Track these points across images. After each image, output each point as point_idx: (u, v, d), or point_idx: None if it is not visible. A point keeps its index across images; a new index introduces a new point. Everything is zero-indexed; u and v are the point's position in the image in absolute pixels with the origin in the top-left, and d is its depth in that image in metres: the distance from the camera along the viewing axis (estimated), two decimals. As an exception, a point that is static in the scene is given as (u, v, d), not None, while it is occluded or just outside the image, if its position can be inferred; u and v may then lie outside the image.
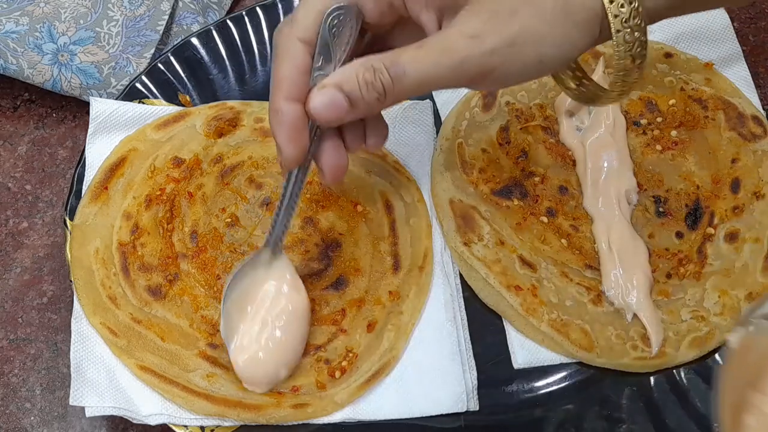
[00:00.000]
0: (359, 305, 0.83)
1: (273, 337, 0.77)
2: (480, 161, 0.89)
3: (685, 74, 0.92)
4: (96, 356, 0.79)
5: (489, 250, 0.84)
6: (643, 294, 0.81)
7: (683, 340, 0.80)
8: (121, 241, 0.84)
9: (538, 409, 0.80)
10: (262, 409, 0.77)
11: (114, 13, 0.97)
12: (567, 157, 0.89)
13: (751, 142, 0.88)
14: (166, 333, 0.80)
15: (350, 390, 0.79)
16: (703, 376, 0.80)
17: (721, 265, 0.84)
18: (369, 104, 0.66)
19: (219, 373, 0.79)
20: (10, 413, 0.83)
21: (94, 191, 0.86)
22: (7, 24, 0.95)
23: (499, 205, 0.87)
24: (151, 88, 0.92)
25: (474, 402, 0.80)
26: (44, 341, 0.86)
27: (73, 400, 0.77)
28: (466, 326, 0.83)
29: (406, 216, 0.87)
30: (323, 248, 0.85)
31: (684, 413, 0.78)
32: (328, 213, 0.87)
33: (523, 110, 0.91)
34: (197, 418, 0.77)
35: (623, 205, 0.86)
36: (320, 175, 0.73)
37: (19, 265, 0.90)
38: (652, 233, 0.86)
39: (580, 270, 0.84)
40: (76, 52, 0.95)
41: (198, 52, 0.95)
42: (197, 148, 0.89)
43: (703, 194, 0.87)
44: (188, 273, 0.84)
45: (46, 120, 0.98)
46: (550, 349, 0.82)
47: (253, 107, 0.92)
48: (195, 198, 0.87)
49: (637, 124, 0.90)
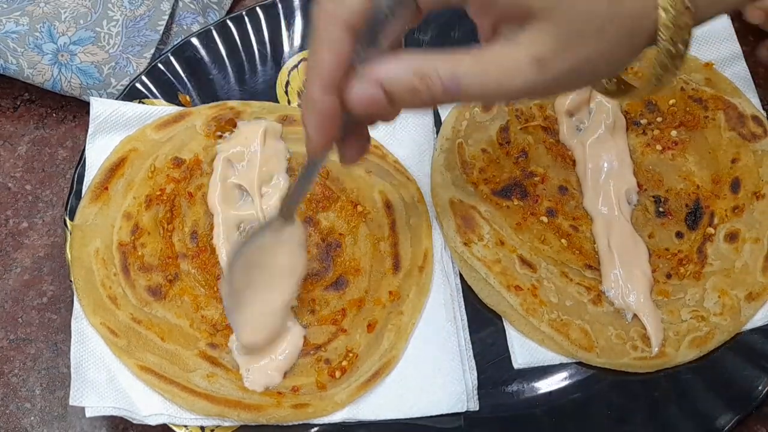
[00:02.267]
0: (359, 305, 0.83)
1: (273, 299, 0.78)
2: (480, 161, 0.89)
3: (685, 74, 0.92)
4: (96, 356, 0.79)
5: (489, 250, 0.84)
6: (643, 294, 0.81)
7: (683, 340, 0.80)
8: (121, 241, 0.84)
9: (538, 409, 0.80)
10: (262, 409, 0.77)
11: (114, 13, 0.97)
12: (567, 157, 0.89)
13: (751, 142, 0.88)
14: (166, 333, 0.80)
15: (350, 390, 0.79)
16: (703, 376, 0.80)
17: (721, 265, 0.84)
18: (410, 108, 0.61)
19: (219, 373, 0.79)
20: (10, 413, 0.83)
21: (94, 191, 0.86)
22: (7, 24, 0.95)
23: (499, 205, 0.87)
24: (151, 88, 0.92)
25: (474, 402, 0.80)
26: (44, 341, 0.86)
27: (73, 400, 0.77)
28: (466, 326, 0.83)
29: (406, 216, 0.87)
30: (323, 248, 0.85)
31: (684, 413, 0.78)
32: (328, 213, 0.87)
33: (523, 110, 0.91)
34: (197, 418, 0.77)
35: (623, 205, 0.86)
36: (339, 156, 0.68)
37: (19, 265, 0.90)
38: (652, 233, 0.86)
39: (580, 270, 0.84)
40: (76, 52, 0.95)
41: (198, 52, 0.95)
42: (197, 148, 0.89)
43: (703, 194, 0.87)
44: (188, 273, 0.84)
45: (46, 120, 0.98)
46: (550, 349, 0.82)
47: (253, 107, 0.92)
48: (195, 198, 0.87)
49: (637, 124, 0.90)
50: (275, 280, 0.79)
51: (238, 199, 0.86)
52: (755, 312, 0.82)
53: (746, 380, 0.79)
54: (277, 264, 0.78)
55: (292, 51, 0.96)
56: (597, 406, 0.80)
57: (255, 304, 0.78)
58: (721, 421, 0.77)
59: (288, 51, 0.96)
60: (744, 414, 0.78)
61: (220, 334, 0.81)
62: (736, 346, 0.81)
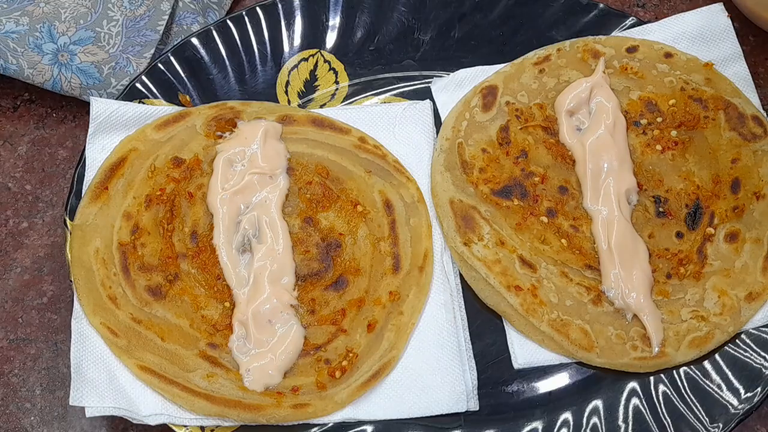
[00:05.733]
0: (359, 305, 0.83)
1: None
2: (480, 161, 0.89)
3: (685, 74, 0.92)
4: (96, 356, 0.79)
5: (489, 250, 0.84)
6: (643, 294, 0.81)
7: (683, 340, 0.80)
8: (121, 241, 0.84)
9: (538, 409, 0.80)
10: (262, 409, 0.77)
11: (114, 13, 0.97)
12: (567, 157, 0.89)
13: (751, 142, 0.88)
14: (166, 333, 0.80)
15: (350, 390, 0.79)
16: (703, 376, 0.80)
17: (721, 265, 0.84)
18: None
19: (219, 373, 0.79)
20: (10, 413, 0.83)
21: (94, 191, 0.86)
22: (7, 24, 0.95)
23: (499, 205, 0.87)
24: (151, 88, 0.92)
25: (474, 402, 0.80)
26: (44, 341, 0.86)
27: (73, 400, 0.77)
28: (466, 326, 0.83)
29: (406, 216, 0.87)
30: (323, 248, 0.85)
31: (684, 413, 0.78)
32: (328, 213, 0.87)
33: (523, 110, 0.91)
34: (197, 418, 0.77)
35: (623, 205, 0.86)
36: None
37: (19, 265, 0.90)
38: (652, 233, 0.86)
39: (580, 270, 0.84)
40: (76, 52, 0.95)
41: (198, 52, 0.95)
42: (197, 148, 0.89)
43: (703, 194, 0.87)
44: (188, 273, 0.84)
45: (46, 120, 0.98)
46: (550, 349, 0.82)
47: (253, 107, 0.92)
48: (195, 198, 0.87)
49: (637, 124, 0.90)
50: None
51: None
52: (755, 312, 0.82)
53: (746, 380, 0.79)
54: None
55: (292, 51, 0.96)
56: (597, 406, 0.80)
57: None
58: (721, 421, 0.77)
59: (288, 51, 0.96)
60: (744, 414, 0.78)
61: (220, 334, 0.81)
62: (736, 346, 0.81)
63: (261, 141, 0.88)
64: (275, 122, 0.90)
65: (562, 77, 0.92)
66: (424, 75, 0.96)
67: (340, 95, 0.95)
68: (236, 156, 0.88)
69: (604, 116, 0.89)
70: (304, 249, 0.85)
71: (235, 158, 0.88)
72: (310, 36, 0.96)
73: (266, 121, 0.90)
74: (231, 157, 0.87)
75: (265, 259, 0.83)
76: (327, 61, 0.96)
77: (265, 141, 0.88)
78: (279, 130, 0.90)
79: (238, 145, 0.88)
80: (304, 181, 0.88)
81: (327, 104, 0.95)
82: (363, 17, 0.97)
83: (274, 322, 0.81)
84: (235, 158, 0.88)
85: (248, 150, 0.88)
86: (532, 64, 0.93)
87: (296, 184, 0.88)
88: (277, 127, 0.90)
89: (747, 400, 0.78)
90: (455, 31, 0.97)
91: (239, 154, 0.88)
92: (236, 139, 0.89)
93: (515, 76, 0.93)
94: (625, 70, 0.92)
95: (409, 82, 0.96)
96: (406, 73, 0.96)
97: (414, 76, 0.96)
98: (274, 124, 0.90)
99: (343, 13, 0.97)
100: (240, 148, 0.88)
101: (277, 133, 0.89)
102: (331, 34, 0.97)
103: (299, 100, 0.95)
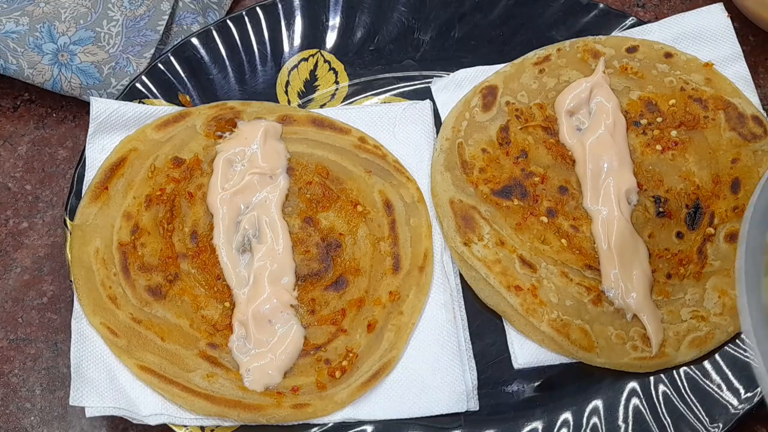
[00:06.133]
0: (359, 305, 0.83)
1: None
2: (480, 161, 0.89)
3: (685, 74, 0.92)
4: (96, 356, 0.79)
5: (489, 250, 0.84)
6: (643, 294, 0.81)
7: (683, 340, 0.80)
8: (121, 241, 0.84)
9: (538, 409, 0.80)
10: (262, 409, 0.77)
11: (114, 13, 0.97)
12: (567, 157, 0.89)
13: (751, 142, 0.88)
14: (166, 333, 0.80)
15: (350, 390, 0.79)
16: (703, 376, 0.80)
17: (721, 266, 0.83)
18: None
19: (219, 373, 0.79)
20: (10, 413, 0.83)
21: (94, 191, 0.86)
22: (7, 24, 0.95)
23: (499, 205, 0.87)
24: (151, 88, 0.92)
25: (474, 402, 0.80)
26: (44, 341, 0.86)
27: (73, 400, 0.77)
28: (466, 326, 0.83)
29: (406, 216, 0.87)
30: (323, 248, 0.85)
31: (684, 413, 0.78)
32: (328, 213, 0.87)
33: (523, 110, 0.91)
34: (197, 418, 0.77)
35: (623, 205, 0.86)
36: None
37: (19, 265, 0.90)
38: (652, 233, 0.86)
39: (580, 270, 0.84)
40: (76, 52, 0.95)
41: (198, 52, 0.95)
42: (197, 148, 0.89)
43: (703, 194, 0.87)
44: (188, 273, 0.84)
45: (46, 120, 0.98)
46: (550, 349, 0.82)
47: (253, 107, 0.92)
48: (195, 198, 0.87)
49: (637, 124, 0.90)
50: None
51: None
52: (755, 312, 0.82)
53: (746, 380, 0.79)
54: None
55: (292, 51, 0.96)
56: (597, 406, 0.80)
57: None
58: (721, 421, 0.77)
59: (288, 51, 0.96)
60: (744, 414, 0.78)
61: (220, 334, 0.81)
62: (736, 346, 0.81)
63: (261, 141, 0.88)
64: (275, 122, 0.90)
65: (562, 77, 0.92)
66: (424, 75, 0.96)
67: (340, 95, 0.95)
68: (236, 156, 0.88)
69: (604, 116, 0.89)
70: (304, 249, 0.85)
71: (235, 158, 0.88)
72: (310, 36, 0.96)
73: (266, 121, 0.90)
74: (231, 157, 0.87)
75: (265, 259, 0.83)
76: (327, 61, 0.96)
77: (265, 141, 0.88)
78: (279, 130, 0.90)
79: (238, 145, 0.88)
80: (304, 181, 0.88)
81: (327, 104, 0.95)
82: (363, 17, 0.97)
83: (274, 322, 0.81)
84: (235, 158, 0.88)
85: (248, 150, 0.88)
86: (532, 64, 0.93)
87: (296, 184, 0.88)
88: (277, 127, 0.90)
89: (747, 400, 0.78)
90: (455, 31, 0.97)
91: (239, 154, 0.88)
92: (236, 139, 0.89)
93: (515, 76, 0.93)
94: (625, 70, 0.92)
95: (409, 82, 0.96)
96: (406, 73, 0.96)
97: (414, 76, 0.96)
98: (274, 124, 0.90)
99: (343, 13, 0.97)
100: (240, 148, 0.88)
101: (277, 133, 0.89)
102: (331, 34, 0.97)
103: (299, 100, 0.95)
